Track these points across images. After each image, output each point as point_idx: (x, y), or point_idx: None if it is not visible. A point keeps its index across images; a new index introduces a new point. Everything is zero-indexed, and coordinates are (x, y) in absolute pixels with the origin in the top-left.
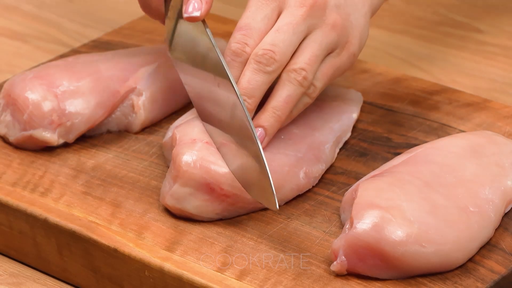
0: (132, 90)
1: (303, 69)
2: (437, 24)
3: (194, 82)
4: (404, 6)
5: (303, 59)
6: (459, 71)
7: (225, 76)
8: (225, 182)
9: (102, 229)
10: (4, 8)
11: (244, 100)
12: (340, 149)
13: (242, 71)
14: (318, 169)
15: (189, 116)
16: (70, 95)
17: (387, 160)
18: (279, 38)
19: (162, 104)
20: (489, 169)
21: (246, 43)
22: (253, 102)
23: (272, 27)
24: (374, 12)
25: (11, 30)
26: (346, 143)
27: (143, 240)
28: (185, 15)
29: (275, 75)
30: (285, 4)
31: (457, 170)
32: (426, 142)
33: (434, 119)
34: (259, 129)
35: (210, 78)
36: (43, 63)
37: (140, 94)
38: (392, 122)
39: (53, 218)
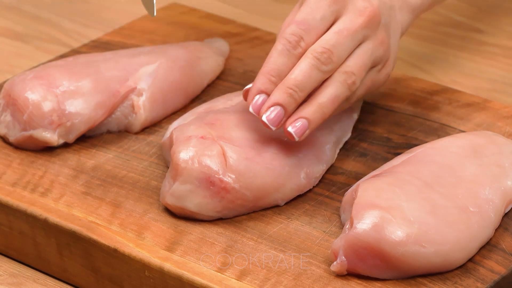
0: (132, 90)
1: (354, 73)
2: (437, 24)
3: None
4: None
5: (355, 64)
6: (459, 71)
7: None
8: (224, 174)
9: (102, 229)
10: (4, 8)
11: (295, 91)
12: (340, 149)
13: (293, 62)
14: (319, 170)
15: (189, 117)
16: (70, 95)
17: (387, 160)
18: (339, 40)
19: (162, 104)
20: (489, 169)
21: (302, 38)
22: (303, 96)
23: (328, 29)
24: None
25: (11, 30)
26: (346, 143)
27: (143, 240)
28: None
29: (327, 76)
30: (345, 10)
31: (457, 170)
32: (426, 142)
33: (434, 119)
34: (303, 119)
35: None
36: (43, 63)
37: (140, 94)
38: (392, 122)
39: (53, 218)
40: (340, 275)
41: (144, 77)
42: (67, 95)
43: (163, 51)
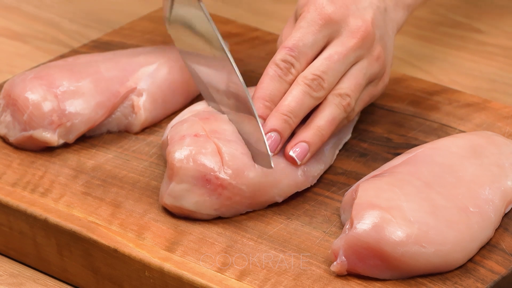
0: (132, 91)
1: (348, 95)
2: (437, 24)
3: (194, 58)
4: None
5: (349, 85)
6: (459, 71)
7: (219, 48)
8: (220, 171)
9: (102, 230)
10: (4, 8)
11: (289, 117)
12: (340, 150)
13: (285, 87)
14: (317, 169)
15: (186, 114)
16: (70, 95)
17: (387, 160)
18: (329, 66)
19: (162, 104)
20: (489, 170)
21: (293, 65)
22: (297, 121)
23: (319, 53)
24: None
25: (11, 30)
26: (346, 143)
27: (143, 240)
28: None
29: (319, 101)
30: (337, 33)
31: (457, 171)
32: (426, 142)
33: (434, 120)
34: (303, 143)
35: (206, 50)
36: (43, 64)
37: (140, 95)
38: (392, 123)
39: (53, 218)
40: (340, 275)
41: (144, 77)
42: (67, 95)
43: (163, 51)
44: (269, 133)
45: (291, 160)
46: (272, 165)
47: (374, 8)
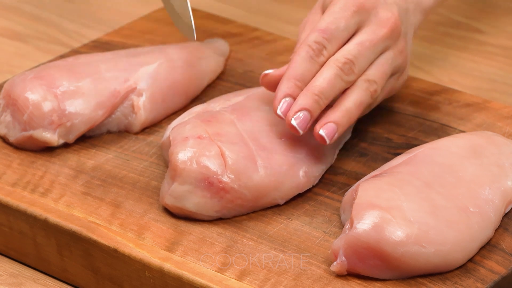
0: (132, 91)
1: (375, 82)
2: (437, 24)
3: None
4: None
5: (376, 73)
6: (459, 71)
7: None
8: (223, 174)
9: (102, 230)
10: (4, 8)
11: (320, 98)
12: (340, 150)
13: (316, 69)
14: (318, 169)
15: (186, 116)
16: (70, 95)
17: (387, 160)
18: (361, 52)
19: (162, 104)
20: (489, 170)
21: (325, 47)
22: (327, 102)
23: (350, 38)
24: None
25: (11, 30)
26: (346, 143)
27: (143, 240)
28: None
29: (348, 85)
30: (367, 20)
31: (457, 171)
32: (426, 142)
33: (434, 120)
34: (332, 123)
35: None
36: (43, 64)
37: (140, 95)
38: (392, 123)
39: (53, 218)
40: (340, 275)
41: (144, 77)
42: (67, 95)
43: (163, 51)
44: (299, 112)
45: (320, 139)
46: (195, 37)
47: (398, 6)
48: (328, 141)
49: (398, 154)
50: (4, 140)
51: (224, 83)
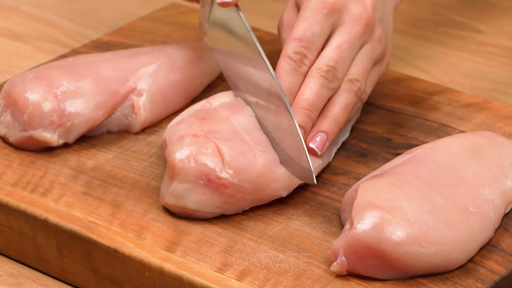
0: (132, 91)
1: (357, 80)
2: (437, 24)
3: (230, 66)
4: (404, 6)
5: (357, 70)
6: (459, 71)
7: (260, 60)
8: (221, 171)
9: (102, 230)
10: (4, 9)
11: (311, 111)
12: (340, 150)
13: (301, 79)
14: (315, 162)
15: (185, 115)
16: (70, 95)
17: (387, 160)
18: (340, 56)
19: (162, 105)
20: (489, 170)
21: (305, 56)
22: (317, 114)
23: (326, 41)
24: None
25: (11, 30)
26: (346, 143)
27: (143, 240)
28: (217, 0)
29: (334, 91)
30: (340, 21)
31: (457, 171)
32: (426, 142)
33: (434, 120)
34: (321, 133)
35: (245, 61)
36: (43, 64)
37: (140, 95)
38: (392, 123)
39: (53, 218)
40: (340, 276)
41: (144, 77)
42: (67, 95)
43: (163, 51)
44: None
45: (312, 152)
46: (315, 182)
47: None
48: (319, 153)
49: (398, 154)
50: (4, 140)
51: (224, 83)
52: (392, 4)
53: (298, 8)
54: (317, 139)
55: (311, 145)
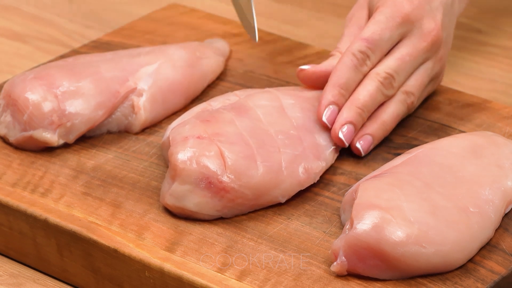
0: (132, 91)
1: (413, 94)
2: None
3: None
4: None
5: (415, 85)
6: (459, 71)
7: None
8: (223, 174)
9: (102, 230)
10: (4, 9)
11: (363, 111)
12: (340, 150)
13: (359, 78)
14: (318, 166)
15: (186, 116)
16: (70, 95)
17: (387, 160)
18: (401, 67)
19: (162, 105)
20: (489, 170)
21: (369, 57)
22: (368, 115)
23: (392, 48)
24: None
25: (11, 30)
26: None
27: (143, 240)
28: None
29: (388, 98)
30: (410, 32)
31: (457, 171)
32: (426, 142)
33: (435, 120)
34: (368, 136)
35: None
36: (43, 64)
37: (140, 95)
38: None
39: (53, 218)
40: (340, 276)
41: (144, 77)
42: (67, 95)
43: (163, 51)
44: (345, 125)
45: (356, 150)
46: (257, 39)
47: (444, 7)
48: (363, 153)
49: (398, 154)
50: (4, 140)
51: (224, 83)
52: (455, 20)
53: (368, 6)
54: (362, 141)
55: (357, 145)
